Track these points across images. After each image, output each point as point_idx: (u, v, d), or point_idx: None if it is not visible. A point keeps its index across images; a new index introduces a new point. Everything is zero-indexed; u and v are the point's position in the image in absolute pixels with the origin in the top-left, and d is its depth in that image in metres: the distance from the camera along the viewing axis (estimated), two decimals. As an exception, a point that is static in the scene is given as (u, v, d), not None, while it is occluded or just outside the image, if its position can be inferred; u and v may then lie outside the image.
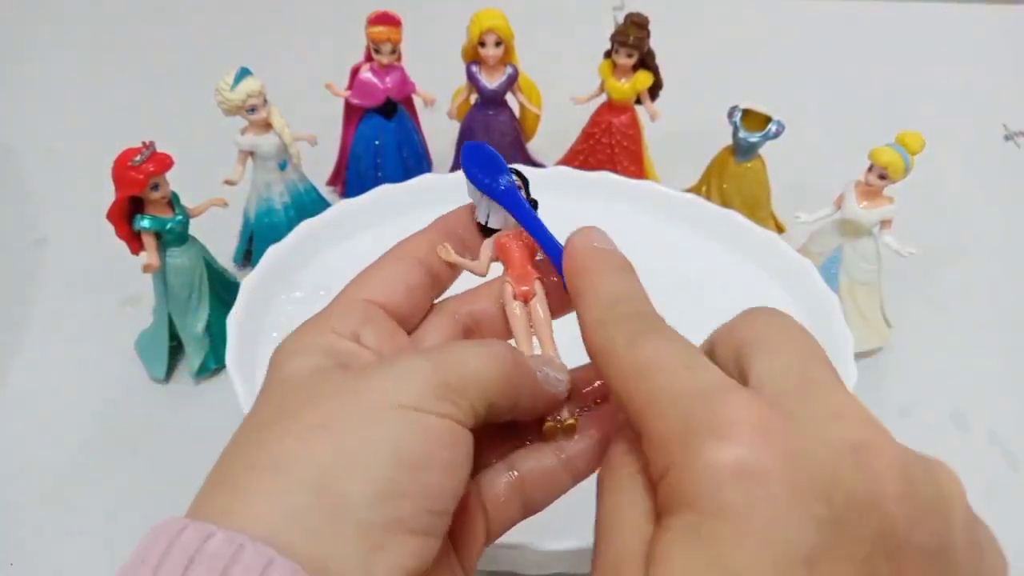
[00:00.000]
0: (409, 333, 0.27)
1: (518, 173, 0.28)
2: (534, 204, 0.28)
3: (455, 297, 0.28)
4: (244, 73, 0.49)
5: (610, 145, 0.59)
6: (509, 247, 0.28)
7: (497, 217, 0.28)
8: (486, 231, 0.28)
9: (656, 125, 0.59)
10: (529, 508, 0.26)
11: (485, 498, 0.25)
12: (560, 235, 0.29)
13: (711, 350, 0.23)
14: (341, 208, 0.50)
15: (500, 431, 0.26)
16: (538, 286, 0.28)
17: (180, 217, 0.45)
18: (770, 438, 0.18)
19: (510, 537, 0.34)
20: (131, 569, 0.19)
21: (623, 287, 0.24)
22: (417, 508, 0.20)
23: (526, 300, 0.27)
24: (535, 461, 0.26)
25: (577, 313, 0.24)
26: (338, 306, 0.25)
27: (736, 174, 0.56)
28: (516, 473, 0.26)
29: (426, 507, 0.20)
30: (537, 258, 0.28)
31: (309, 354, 0.23)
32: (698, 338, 0.49)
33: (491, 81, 0.57)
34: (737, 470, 0.18)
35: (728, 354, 0.22)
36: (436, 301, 0.28)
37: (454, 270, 0.28)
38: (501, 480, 0.26)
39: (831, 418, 0.19)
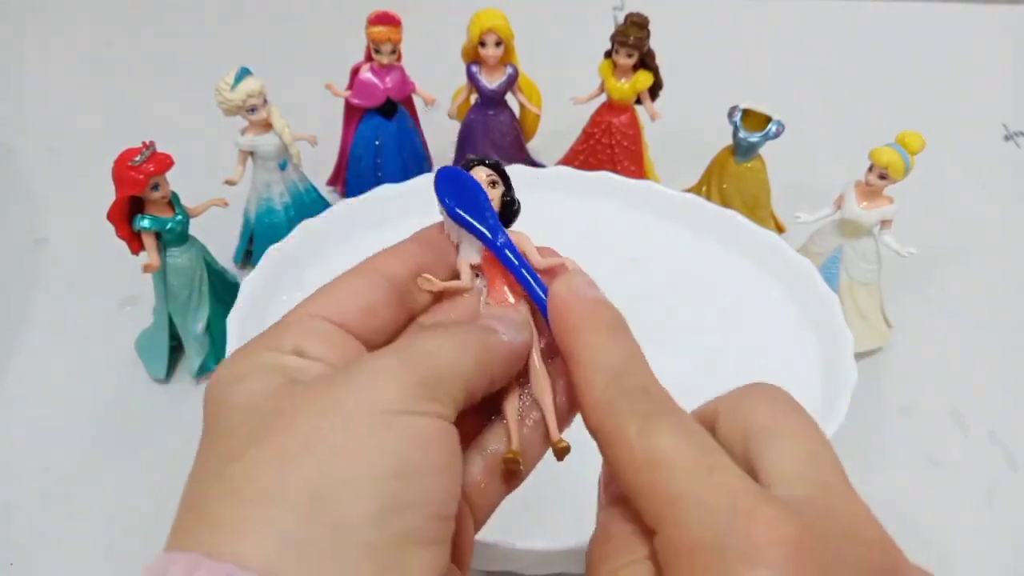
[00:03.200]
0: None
1: (499, 170, 0.26)
2: (518, 208, 0.26)
3: (428, 311, 0.26)
4: (244, 73, 0.49)
5: (610, 145, 0.59)
6: (485, 268, 0.26)
7: (469, 249, 0.26)
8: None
9: (656, 125, 0.59)
10: (511, 483, 0.25)
11: (465, 487, 0.24)
12: (561, 235, 0.29)
13: (715, 423, 0.22)
14: (341, 208, 0.50)
15: (464, 416, 0.24)
16: (524, 310, 0.25)
17: (180, 217, 0.45)
18: (805, 566, 0.17)
19: (510, 537, 0.34)
20: None
21: (622, 352, 0.22)
22: (424, 517, 0.19)
23: None
24: (505, 437, 0.25)
25: (573, 381, 0.22)
26: (274, 325, 0.23)
27: (736, 174, 0.56)
28: (489, 451, 0.25)
29: (432, 514, 0.20)
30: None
31: (253, 377, 0.21)
32: (696, 337, 0.49)
33: (491, 81, 0.57)
34: None
35: (734, 436, 0.21)
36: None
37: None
38: (476, 465, 0.25)
39: (855, 539, 0.19)
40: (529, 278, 0.25)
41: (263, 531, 0.17)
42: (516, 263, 0.25)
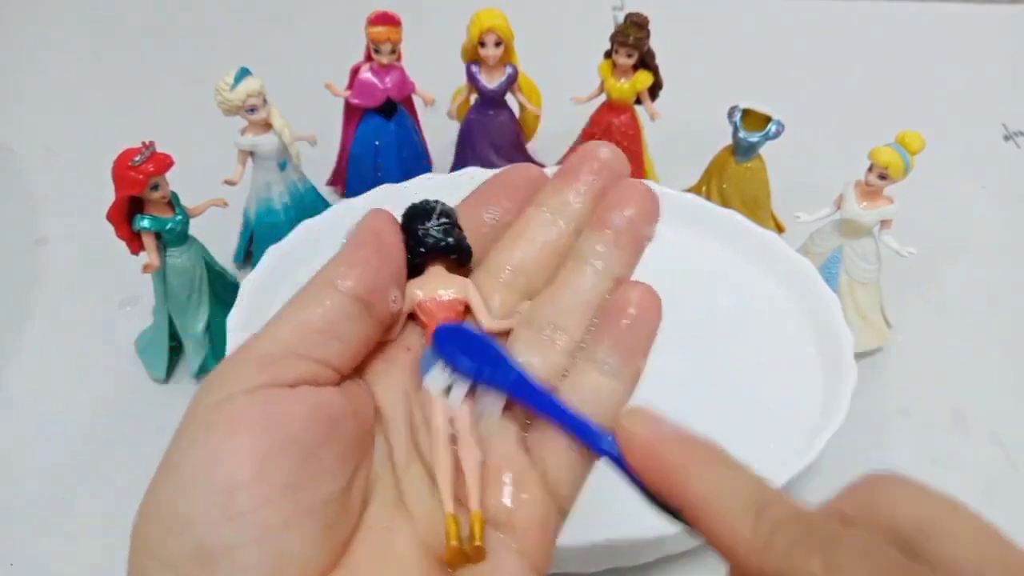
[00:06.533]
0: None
1: (447, 214, 0.25)
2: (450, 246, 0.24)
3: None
4: (244, 73, 0.49)
5: (610, 145, 0.59)
6: (433, 319, 0.23)
7: (488, 400, 0.23)
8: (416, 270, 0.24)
9: (656, 125, 0.59)
10: None
11: None
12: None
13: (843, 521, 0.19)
14: (341, 208, 0.50)
15: None
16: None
17: (180, 217, 0.45)
18: None
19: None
20: None
21: (748, 481, 0.20)
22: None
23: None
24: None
25: (708, 531, 0.19)
26: None
27: (736, 174, 0.56)
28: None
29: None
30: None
31: None
32: (696, 338, 0.49)
33: (491, 81, 0.57)
34: None
35: (880, 533, 0.19)
36: None
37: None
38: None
39: None
40: (572, 416, 0.22)
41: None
42: (552, 403, 0.22)
